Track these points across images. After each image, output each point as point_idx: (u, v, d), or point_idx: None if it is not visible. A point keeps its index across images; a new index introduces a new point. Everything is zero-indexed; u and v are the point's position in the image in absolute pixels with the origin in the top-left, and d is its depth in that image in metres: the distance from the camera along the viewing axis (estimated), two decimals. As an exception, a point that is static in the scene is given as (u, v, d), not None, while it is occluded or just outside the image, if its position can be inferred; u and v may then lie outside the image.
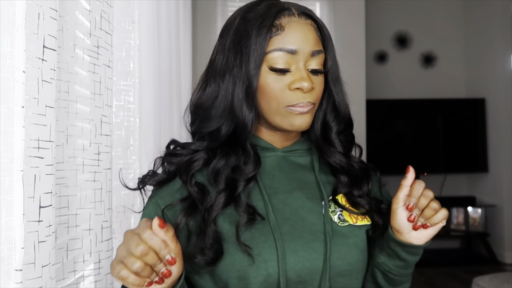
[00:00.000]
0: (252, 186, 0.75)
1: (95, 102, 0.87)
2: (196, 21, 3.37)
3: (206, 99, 0.77)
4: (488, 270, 2.96)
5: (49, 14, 0.62)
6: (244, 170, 0.74)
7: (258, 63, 0.72)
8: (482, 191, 4.37)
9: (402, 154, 4.28)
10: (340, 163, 0.80)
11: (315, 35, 0.75)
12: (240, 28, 0.75)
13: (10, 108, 0.58)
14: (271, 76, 0.73)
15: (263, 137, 0.81)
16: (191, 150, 0.78)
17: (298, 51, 0.73)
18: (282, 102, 0.74)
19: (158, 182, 0.79)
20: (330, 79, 0.79)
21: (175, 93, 1.86)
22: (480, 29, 4.38)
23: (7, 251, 0.58)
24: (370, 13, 4.18)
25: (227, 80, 0.75)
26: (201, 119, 0.77)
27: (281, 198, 0.77)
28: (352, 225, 0.78)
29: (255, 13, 0.74)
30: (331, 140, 0.81)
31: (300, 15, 0.75)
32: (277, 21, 0.73)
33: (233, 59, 0.74)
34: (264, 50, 0.72)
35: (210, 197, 0.72)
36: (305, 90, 0.73)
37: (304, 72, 0.73)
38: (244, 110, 0.73)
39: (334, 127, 0.81)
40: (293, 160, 0.82)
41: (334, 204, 0.79)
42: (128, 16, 1.12)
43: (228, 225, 0.72)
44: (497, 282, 2.33)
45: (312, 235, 0.74)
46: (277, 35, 0.73)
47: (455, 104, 4.37)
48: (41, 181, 0.61)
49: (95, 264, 0.88)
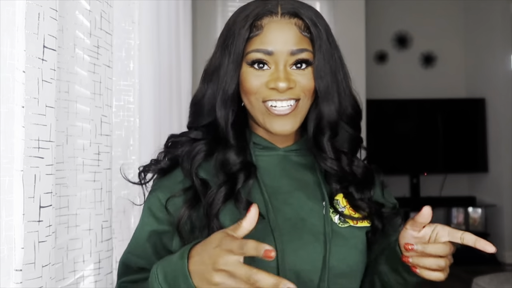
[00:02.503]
0: (252, 184, 0.75)
1: (95, 102, 0.87)
2: (196, 21, 3.37)
3: (199, 96, 0.80)
4: (488, 270, 2.95)
5: (49, 14, 0.62)
6: (229, 160, 0.75)
7: (237, 62, 0.74)
8: (482, 191, 4.37)
9: (402, 154, 4.28)
10: (331, 170, 0.78)
11: (297, 34, 0.73)
12: (229, 29, 0.77)
13: (10, 108, 0.58)
14: (250, 73, 0.74)
15: (264, 136, 0.80)
16: (189, 138, 0.80)
17: (275, 52, 0.72)
18: (260, 97, 0.74)
19: (161, 169, 0.79)
20: (315, 77, 0.75)
21: (175, 93, 1.86)
22: (480, 29, 4.38)
23: (7, 251, 0.58)
24: (370, 13, 4.18)
25: (214, 78, 0.77)
26: (193, 113, 0.81)
27: (282, 198, 0.76)
28: (352, 226, 0.77)
29: (243, 14, 0.75)
30: (321, 146, 0.78)
31: (283, 15, 0.74)
32: (259, 21, 0.74)
33: (220, 58, 0.77)
34: (243, 50, 0.73)
35: (212, 191, 0.73)
36: (281, 90, 0.72)
37: (282, 72, 0.72)
38: (220, 108, 0.75)
39: (326, 131, 0.78)
40: (294, 159, 0.81)
41: (335, 205, 0.78)
42: (128, 16, 1.12)
43: (229, 221, 0.71)
44: (497, 282, 2.33)
45: (312, 236, 0.74)
46: (256, 35, 0.73)
47: (455, 104, 4.37)
48: (41, 181, 0.61)
49: (95, 264, 0.88)
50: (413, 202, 4.30)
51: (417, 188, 4.34)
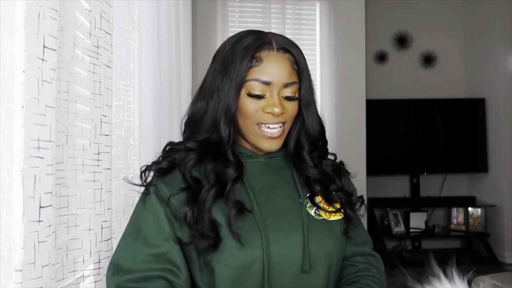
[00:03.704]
0: (239, 187, 0.88)
1: (95, 102, 0.87)
2: (196, 21, 3.37)
3: (197, 113, 0.91)
4: (488, 270, 2.95)
5: (49, 14, 0.62)
6: (227, 173, 0.86)
7: (238, 88, 0.86)
8: (482, 191, 4.37)
9: (402, 154, 4.28)
10: (313, 176, 0.94)
11: (289, 68, 0.88)
12: (227, 56, 0.88)
13: (10, 108, 0.58)
14: (248, 99, 0.87)
15: (247, 147, 0.94)
16: (186, 147, 0.91)
17: (272, 83, 0.87)
18: (256, 120, 0.88)
19: (161, 169, 0.89)
20: (302, 104, 0.92)
21: (175, 93, 1.86)
22: (480, 29, 4.38)
23: (7, 251, 0.58)
24: (370, 13, 4.18)
25: (214, 100, 0.88)
26: (191, 130, 0.92)
27: (265, 196, 0.89)
28: (326, 219, 0.90)
29: (241, 44, 0.87)
30: (303, 157, 0.95)
31: (278, 49, 0.88)
32: (258, 53, 0.87)
33: (220, 82, 0.88)
34: (244, 78, 0.86)
35: (204, 190, 0.84)
36: (276, 115, 0.87)
37: (276, 99, 0.87)
38: (221, 126, 0.87)
39: (306, 146, 0.95)
40: (273, 164, 0.96)
41: (310, 202, 0.91)
42: (128, 16, 1.12)
43: (220, 215, 0.84)
44: (497, 282, 2.33)
45: (291, 227, 0.87)
46: (256, 66, 0.86)
47: (455, 104, 4.37)
48: (41, 181, 0.61)
49: (95, 264, 0.88)
50: (413, 202, 4.30)
51: (417, 188, 4.34)
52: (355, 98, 3.73)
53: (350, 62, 3.71)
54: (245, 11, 3.62)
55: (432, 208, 4.38)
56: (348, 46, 3.71)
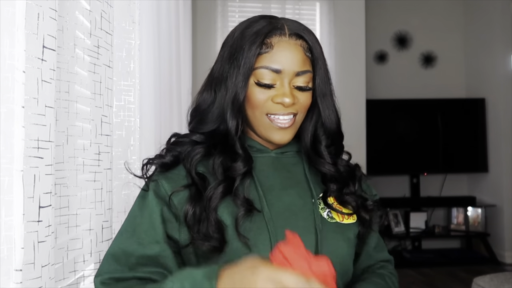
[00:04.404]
0: (249, 182, 0.80)
1: (95, 102, 0.87)
2: (196, 21, 3.37)
3: (204, 103, 0.85)
4: (488, 270, 2.95)
5: (49, 14, 0.62)
6: (236, 168, 0.80)
7: (246, 76, 0.80)
8: (482, 191, 4.37)
9: (402, 154, 4.27)
10: (329, 172, 0.86)
11: (302, 55, 0.81)
12: (236, 42, 0.82)
13: (10, 108, 0.58)
14: (257, 89, 0.80)
15: (257, 140, 0.87)
16: (192, 140, 0.84)
17: (283, 71, 0.80)
18: (265, 111, 0.81)
19: (164, 163, 0.83)
20: (318, 95, 0.85)
21: (175, 93, 1.86)
22: (480, 29, 4.38)
23: (7, 251, 0.58)
24: (370, 13, 4.18)
25: (222, 89, 0.82)
26: (198, 120, 0.85)
27: (276, 195, 0.82)
28: (339, 222, 0.84)
29: (251, 29, 0.81)
30: (320, 152, 0.87)
31: (291, 35, 0.81)
32: (268, 39, 0.80)
33: (228, 69, 0.82)
34: (253, 65, 0.79)
35: (211, 187, 0.78)
36: (286, 105, 0.80)
37: (287, 88, 0.80)
38: (228, 117, 0.81)
39: (323, 141, 0.87)
40: (285, 160, 0.88)
41: (323, 203, 0.85)
42: (128, 16, 1.12)
43: (226, 215, 0.77)
44: (497, 282, 2.33)
45: (303, 229, 0.79)
46: (266, 52, 0.80)
47: (455, 104, 4.36)
48: (41, 181, 0.61)
49: (95, 264, 0.88)
50: (413, 202, 4.30)
51: (417, 188, 4.34)
52: (355, 98, 3.73)
53: (350, 62, 3.71)
54: (245, 11, 3.62)
55: (432, 208, 4.38)
56: (348, 46, 3.71)
